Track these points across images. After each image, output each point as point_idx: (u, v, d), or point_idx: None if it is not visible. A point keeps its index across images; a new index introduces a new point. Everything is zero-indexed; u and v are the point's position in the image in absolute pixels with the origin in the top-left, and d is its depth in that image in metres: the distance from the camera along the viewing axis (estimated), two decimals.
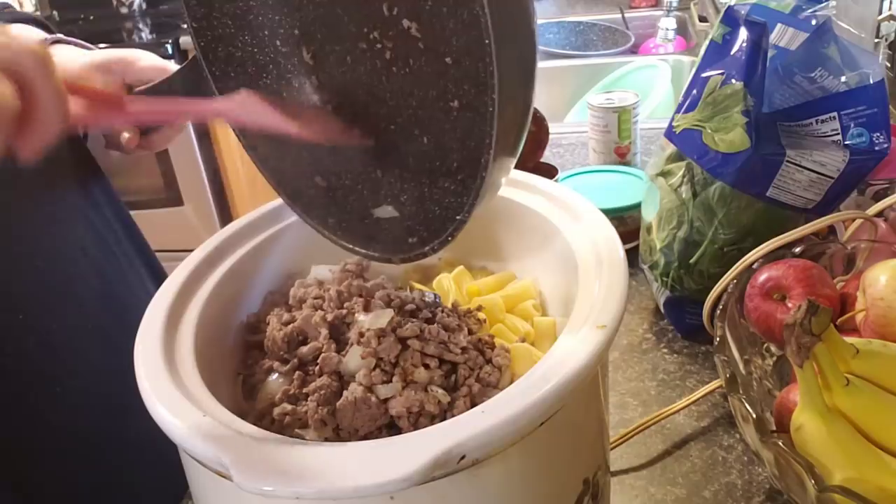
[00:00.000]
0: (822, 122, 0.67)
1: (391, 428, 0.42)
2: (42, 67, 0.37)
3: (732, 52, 0.68)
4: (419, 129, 0.46)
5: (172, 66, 0.63)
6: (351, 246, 0.51)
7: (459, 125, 0.43)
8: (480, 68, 0.35)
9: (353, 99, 0.49)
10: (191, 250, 0.51)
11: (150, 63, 0.65)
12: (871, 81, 0.65)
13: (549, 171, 0.96)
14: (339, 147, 0.50)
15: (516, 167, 0.44)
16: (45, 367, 0.61)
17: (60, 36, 0.69)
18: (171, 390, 0.39)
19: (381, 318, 0.45)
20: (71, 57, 0.66)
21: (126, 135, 0.63)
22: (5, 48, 0.36)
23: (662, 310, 0.77)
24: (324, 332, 0.46)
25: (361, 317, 0.46)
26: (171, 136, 0.69)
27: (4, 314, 0.58)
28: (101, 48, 0.67)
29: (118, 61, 0.64)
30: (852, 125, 0.66)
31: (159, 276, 0.79)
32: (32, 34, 0.68)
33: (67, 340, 0.63)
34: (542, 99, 1.69)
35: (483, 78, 0.35)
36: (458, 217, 0.42)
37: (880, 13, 1.03)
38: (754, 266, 0.61)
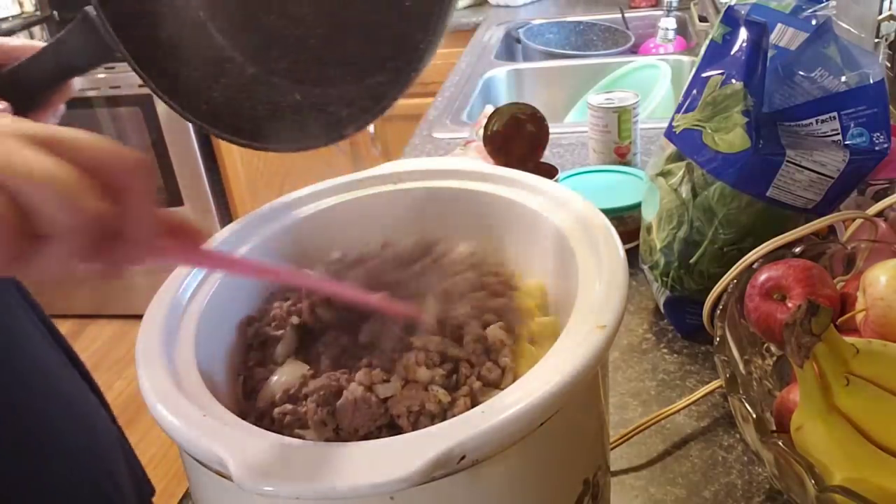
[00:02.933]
0: (822, 122, 0.67)
1: (391, 428, 0.42)
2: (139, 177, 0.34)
3: (732, 52, 0.68)
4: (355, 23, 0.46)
5: (40, 45, 0.61)
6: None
7: None
8: None
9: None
10: None
11: (19, 42, 0.63)
12: (871, 81, 0.65)
13: (549, 171, 0.96)
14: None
15: (517, 167, 0.44)
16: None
17: None
18: (171, 390, 0.39)
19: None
20: None
21: None
22: (96, 150, 0.32)
23: (662, 310, 0.77)
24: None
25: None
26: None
27: None
28: None
29: None
30: (852, 125, 0.66)
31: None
32: None
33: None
34: (542, 99, 1.69)
35: None
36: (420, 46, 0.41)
37: (880, 13, 1.02)
38: (754, 266, 0.61)
